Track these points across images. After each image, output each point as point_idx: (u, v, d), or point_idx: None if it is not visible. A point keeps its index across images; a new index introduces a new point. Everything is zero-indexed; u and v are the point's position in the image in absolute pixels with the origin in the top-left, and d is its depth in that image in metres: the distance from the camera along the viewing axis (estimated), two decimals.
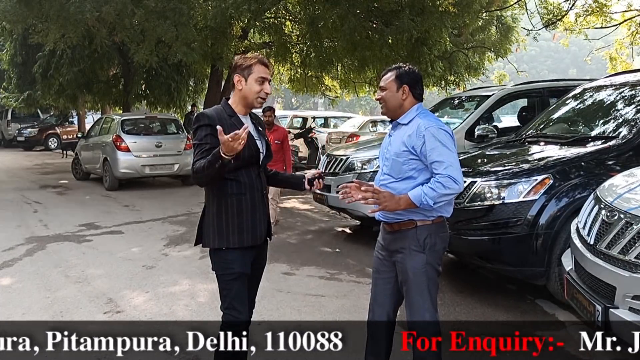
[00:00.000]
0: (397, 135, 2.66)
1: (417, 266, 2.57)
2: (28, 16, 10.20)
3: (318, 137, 13.09)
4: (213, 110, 2.57)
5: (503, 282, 4.72)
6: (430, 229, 2.57)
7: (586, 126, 4.85)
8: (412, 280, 2.58)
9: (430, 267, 2.59)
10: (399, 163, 2.59)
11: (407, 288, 2.61)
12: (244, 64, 2.55)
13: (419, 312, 2.58)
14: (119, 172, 10.54)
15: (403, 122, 2.64)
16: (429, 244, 2.57)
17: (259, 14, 10.43)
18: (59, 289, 4.71)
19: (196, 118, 2.57)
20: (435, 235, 2.59)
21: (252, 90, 2.54)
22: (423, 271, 2.57)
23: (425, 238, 2.57)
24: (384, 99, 2.67)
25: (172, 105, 17.19)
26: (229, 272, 2.54)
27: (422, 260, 2.57)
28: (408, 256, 2.59)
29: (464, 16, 10.87)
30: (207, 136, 2.47)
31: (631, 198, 2.85)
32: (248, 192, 2.55)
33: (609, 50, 14.59)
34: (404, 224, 2.59)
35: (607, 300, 2.68)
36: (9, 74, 18.17)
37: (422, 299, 2.58)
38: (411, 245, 2.58)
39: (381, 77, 2.74)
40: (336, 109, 24.89)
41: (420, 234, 2.57)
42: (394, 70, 2.68)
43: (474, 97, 7.35)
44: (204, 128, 2.49)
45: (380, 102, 2.72)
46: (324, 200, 6.65)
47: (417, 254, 2.57)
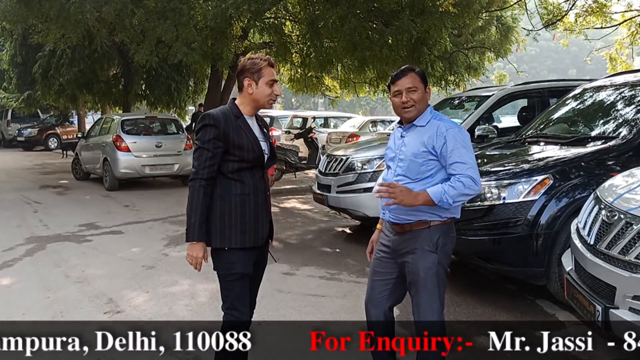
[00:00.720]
0: (413, 137, 2.62)
1: (429, 266, 2.58)
2: (28, 16, 10.19)
3: (318, 137, 13.09)
4: (219, 111, 2.56)
5: (503, 282, 4.72)
6: (443, 229, 2.59)
7: (586, 126, 4.85)
8: (422, 281, 2.58)
9: (441, 267, 2.60)
10: (417, 164, 2.57)
11: (417, 288, 2.61)
12: (254, 67, 2.54)
13: (429, 312, 2.59)
14: (119, 172, 10.54)
15: (420, 124, 2.62)
16: (441, 244, 2.58)
17: (259, 14, 10.42)
18: (59, 289, 4.71)
19: (202, 117, 2.56)
20: (446, 236, 2.60)
21: (263, 94, 2.57)
22: (434, 271, 2.58)
23: (438, 238, 2.58)
24: (416, 100, 2.59)
25: (172, 106, 17.18)
26: (231, 273, 2.54)
27: (434, 260, 2.58)
28: (420, 256, 2.58)
29: (464, 16, 10.85)
30: (211, 141, 2.47)
31: (631, 198, 2.85)
32: (252, 194, 2.55)
33: (609, 50, 14.59)
34: (417, 224, 2.59)
35: (607, 301, 2.68)
36: (9, 74, 18.17)
37: (432, 299, 2.59)
38: (424, 245, 2.58)
39: (397, 78, 2.62)
40: (336, 109, 24.88)
41: (434, 234, 2.58)
42: (411, 70, 2.62)
43: (474, 97, 7.35)
44: (208, 129, 2.48)
45: (406, 105, 2.60)
46: (324, 200, 6.65)
47: (430, 254, 2.58)
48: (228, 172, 2.52)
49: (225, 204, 2.53)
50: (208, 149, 2.47)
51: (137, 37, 10.25)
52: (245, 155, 2.52)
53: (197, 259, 2.52)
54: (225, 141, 2.48)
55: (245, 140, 2.52)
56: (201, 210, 2.48)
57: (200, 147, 2.49)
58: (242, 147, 2.51)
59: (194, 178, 2.49)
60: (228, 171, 2.52)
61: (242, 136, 2.52)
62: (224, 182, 2.52)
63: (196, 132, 2.55)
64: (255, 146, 2.55)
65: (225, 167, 2.52)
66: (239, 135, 2.51)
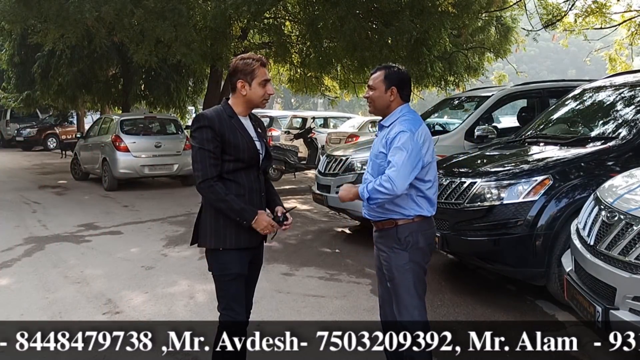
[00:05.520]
0: (379, 137, 2.73)
1: (401, 264, 2.62)
2: (27, 16, 10.18)
3: (318, 137, 13.09)
4: (213, 111, 2.54)
5: (503, 282, 4.71)
6: (412, 227, 2.61)
7: (586, 127, 4.84)
8: (397, 279, 2.63)
9: (415, 264, 2.62)
10: (377, 164, 2.67)
11: (394, 286, 2.66)
12: (247, 69, 2.53)
13: (408, 310, 2.61)
14: (118, 172, 10.53)
15: (385, 125, 2.71)
16: (410, 242, 2.61)
17: (258, 15, 10.42)
18: (57, 289, 4.70)
19: (195, 119, 2.53)
20: (417, 234, 2.62)
21: (257, 95, 2.56)
22: (407, 269, 2.61)
23: (407, 236, 2.61)
24: (372, 98, 2.71)
25: (172, 106, 17.16)
26: (227, 273, 2.53)
27: (404, 258, 2.61)
28: (391, 255, 2.64)
29: (464, 17, 10.86)
30: (209, 141, 2.45)
31: (631, 199, 2.85)
32: (247, 194, 2.54)
33: (608, 50, 14.59)
34: (386, 222, 2.66)
35: (607, 301, 2.68)
36: (8, 74, 18.14)
37: (409, 297, 2.62)
38: (393, 244, 2.63)
39: (370, 75, 2.77)
40: (336, 109, 24.90)
41: (401, 232, 2.62)
42: (383, 69, 2.71)
43: (473, 98, 7.35)
44: (204, 130, 2.47)
45: (367, 100, 2.76)
46: (323, 200, 6.65)
47: (400, 252, 2.62)
48: (224, 173, 2.50)
49: None
50: (209, 149, 2.45)
51: (137, 37, 10.23)
52: (241, 155, 2.51)
53: (270, 223, 2.51)
54: (222, 141, 2.47)
55: (241, 140, 2.51)
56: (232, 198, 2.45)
57: (201, 149, 2.46)
58: (238, 146, 2.50)
59: (204, 180, 2.44)
60: (224, 171, 2.50)
61: (237, 136, 2.51)
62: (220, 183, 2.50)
63: (192, 134, 2.55)
64: (251, 145, 2.54)
65: (221, 167, 2.50)
66: (234, 135, 2.50)
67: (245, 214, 2.46)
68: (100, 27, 10.04)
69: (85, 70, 15.22)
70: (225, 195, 2.44)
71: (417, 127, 2.60)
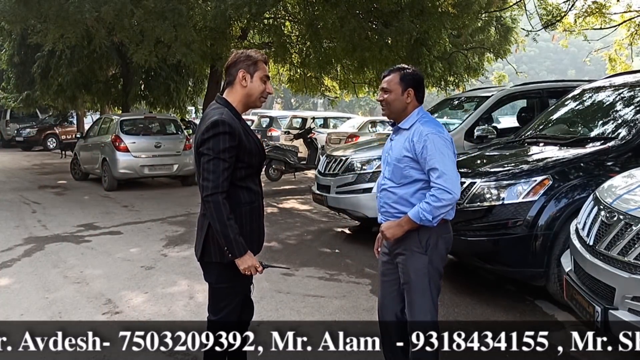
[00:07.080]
0: (398, 140, 2.64)
1: (419, 267, 2.58)
2: (27, 16, 10.17)
3: (317, 137, 13.10)
4: (229, 116, 2.32)
5: (502, 282, 4.71)
6: (433, 230, 2.56)
7: (585, 127, 4.85)
8: (414, 281, 2.59)
9: (433, 268, 2.59)
10: (400, 168, 2.58)
11: (409, 289, 2.62)
12: (249, 59, 2.38)
13: (421, 312, 2.59)
14: (118, 173, 10.53)
15: (404, 127, 2.63)
16: (431, 245, 2.57)
17: (258, 15, 10.42)
18: (57, 289, 4.70)
19: (213, 124, 2.27)
20: (437, 237, 2.58)
21: (257, 89, 2.40)
22: (425, 272, 2.58)
23: (428, 239, 2.57)
24: (388, 101, 2.62)
25: (172, 106, 17.19)
26: (235, 285, 2.42)
27: (424, 261, 2.57)
28: (410, 257, 2.59)
29: (463, 17, 10.87)
30: (226, 150, 2.25)
31: (630, 199, 2.85)
32: (257, 200, 2.43)
33: (608, 51, 14.60)
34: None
35: (607, 302, 2.68)
36: (8, 74, 18.14)
37: (423, 300, 2.59)
38: (413, 247, 2.58)
39: (383, 77, 2.69)
40: (336, 109, 24.93)
41: (422, 235, 2.56)
42: (397, 71, 2.63)
43: (473, 98, 7.35)
44: (222, 137, 2.25)
45: (382, 104, 2.67)
46: (323, 200, 6.65)
47: (420, 255, 2.57)
48: (236, 180, 2.32)
49: (235, 215, 2.31)
50: (224, 159, 2.25)
51: (136, 37, 10.23)
52: (253, 160, 2.37)
53: (255, 266, 2.34)
54: (238, 147, 2.29)
55: (253, 144, 2.37)
56: (232, 224, 2.28)
57: (216, 158, 2.24)
58: (251, 151, 2.35)
59: (215, 192, 2.24)
60: (236, 179, 2.32)
61: (250, 140, 2.36)
62: (231, 192, 2.31)
63: (205, 141, 2.28)
64: (260, 149, 2.43)
65: (233, 175, 2.30)
66: (248, 139, 2.34)
67: (236, 247, 2.28)
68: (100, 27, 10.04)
69: (85, 70, 15.23)
70: (228, 218, 2.26)
71: (441, 126, 2.59)
